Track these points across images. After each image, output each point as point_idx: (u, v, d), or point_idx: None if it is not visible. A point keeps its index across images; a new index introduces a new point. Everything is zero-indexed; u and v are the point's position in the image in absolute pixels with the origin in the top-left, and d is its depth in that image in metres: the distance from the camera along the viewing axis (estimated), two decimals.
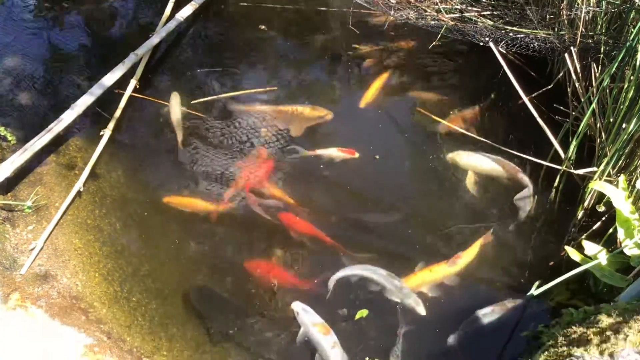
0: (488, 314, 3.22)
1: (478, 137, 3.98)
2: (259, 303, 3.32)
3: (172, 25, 4.60)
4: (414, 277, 3.39)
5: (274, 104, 4.31)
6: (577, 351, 2.53)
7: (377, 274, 3.37)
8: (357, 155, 3.94)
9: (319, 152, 3.96)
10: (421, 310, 3.25)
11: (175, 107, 4.14)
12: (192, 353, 3.16)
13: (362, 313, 3.26)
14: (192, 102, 4.33)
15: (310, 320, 3.15)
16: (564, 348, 2.65)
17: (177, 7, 4.83)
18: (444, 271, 3.41)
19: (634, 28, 3.31)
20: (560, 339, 2.76)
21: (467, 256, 3.47)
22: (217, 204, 3.68)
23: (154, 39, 4.47)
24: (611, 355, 2.40)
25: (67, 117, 3.85)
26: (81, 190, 3.68)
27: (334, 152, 3.95)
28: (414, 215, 3.74)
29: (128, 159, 3.99)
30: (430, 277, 3.40)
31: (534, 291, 3.21)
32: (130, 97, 4.22)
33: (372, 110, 4.34)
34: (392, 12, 4.60)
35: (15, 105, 4.16)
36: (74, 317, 3.12)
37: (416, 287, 3.34)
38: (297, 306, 3.21)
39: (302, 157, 3.97)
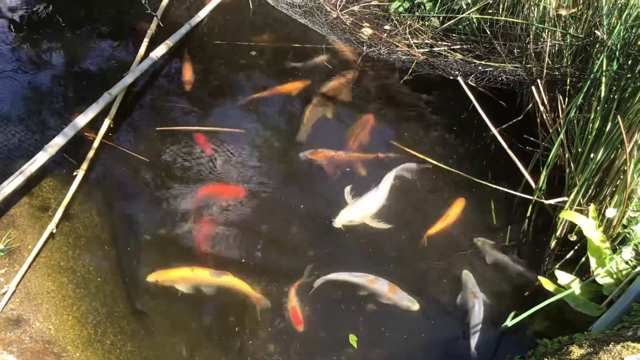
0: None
1: (451, 169, 4.03)
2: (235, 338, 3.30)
3: (146, 64, 4.61)
4: None
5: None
6: None
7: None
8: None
9: None
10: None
11: None
12: None
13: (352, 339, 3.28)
14: (157, 128, 4.38)
15: None
16: None
17: (151, 46, 4.85)
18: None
19: (597, 60, 3.40)
20: None
21: None
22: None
23: (128, 79, 4.48)
24: None
25: (40, 158, 3.82)
26: (54, 231, 3.65)
27: None
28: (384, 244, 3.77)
29: (102, 198, 3.97)
30: None
31: (509, 322, 3.22)
32: (104, 135, 4.21)
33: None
34: (364, 48, 4.69)
35: None
36: None
37: None
38: None
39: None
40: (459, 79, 4.07)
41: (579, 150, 3.55)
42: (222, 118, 4.57)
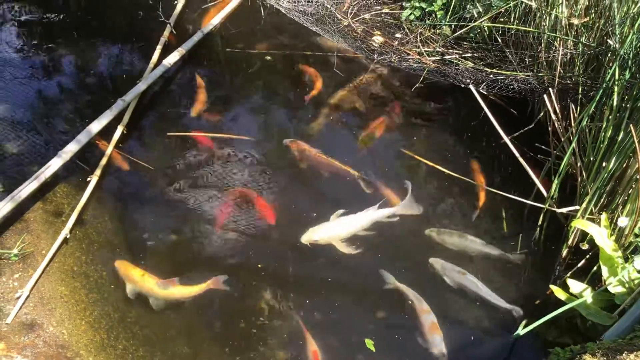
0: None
1: (463, 178, 4.03)
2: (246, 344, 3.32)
3: (159, 71, 4.65)
4: None
5: None
6: None
7: None
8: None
9: None
10: None
11: None
12: None
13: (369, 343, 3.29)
14: (168, 134, 4.41)
15: None
16: None
17: (164, 53, 4.90)
18: None
19: (610, 69, 3.40)
20: None
21: None
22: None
23: (141, 85, 4.52)
24: None
25: (55, 164, 3.86)
26: (68, 237, 3.68)
27: None
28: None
29: (115, 204, 4.00)
30: None
31: (521, 331, 3.22)
32: (117, 142, 4.25)
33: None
34: (375, 56, 4.71)
35: (2, 153, 4.17)
36: None
37: None
38: None
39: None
40: (471, 87, 4.08)
41: (591, 159, 3.55)
42: (235, 125, 4.61)
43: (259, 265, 3.66)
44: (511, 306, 3.43)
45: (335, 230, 3.76)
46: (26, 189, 3.70)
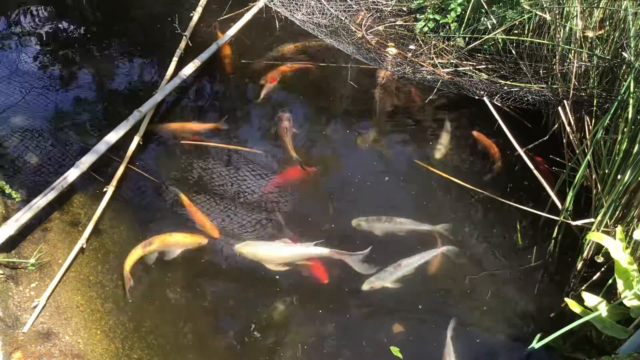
0: None
1: (476, 189, 4.03)
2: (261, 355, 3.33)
3: (175, 82, 4.70)
4: None
5: None
6: None
7: None
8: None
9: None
10: None
11: None
12: None
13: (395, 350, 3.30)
14: (181, 141, 4.48)
15: None
16: None
17: (180, 65, 4.95)
18: None
19: (625, 82, 3.40)
20: None
21: None
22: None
23: (158, 97, 4.57)
24: None
25: (72, 174, 3.91)
26: (84, 246, 3.72)
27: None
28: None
29: (130, 214, 4.03)
30: None
31: (535, 344, 3.20)
32: (133, 153, 4.28)
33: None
34: (389, 67, 4.73)
35: (20, 164, 4.23)
36: None
37: None
38: None
39: None
40: (485, 99, 4.08)
41: (606, 171, 3.54)
42: (249, 136, 4.65)
43: (276, 277, 3.67)
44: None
45: (266, 251, 3.78)
46: (44, 199, 3.75)
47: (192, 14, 5.57)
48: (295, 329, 3.44)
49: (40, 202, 3.73)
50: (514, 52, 4.29)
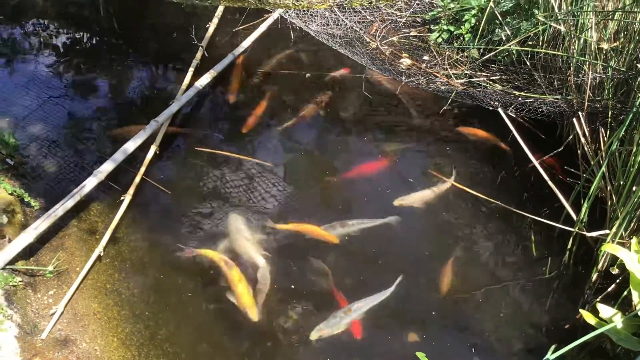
0: None
1: (490, 199, 4.04)
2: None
3: (191, 92, 4.75)
4: None
5: None
6: None
7: None
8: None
9: None
10: None
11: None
12: None
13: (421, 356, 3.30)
14: (196, 148, 4.53)
15: None
16: None
17: (196, 75, 5.00)
18: None
19: None
20: None
21: None
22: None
23: (174, 107, 4.62)
24: None
25: (90, 183, 3.96)
26: (101, 254, 3.76)
27: None
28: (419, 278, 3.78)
29: (147, 223, 4.07)
30: None
31: (550, 355, 3.19)
32: (150, 161, 4.33)
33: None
34: (403, 78, 4.75)
35: (39, 172, 4.29)
36: None
37: None
38: None
39: None
40: (499, 109, 4.09)
41: (621, 182, 3.53)
42: (264, 147, 4.70)
43: (292, 287, 3.69)
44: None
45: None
46: (62, 207, 3.80)
47: (208, 25, 5.63)
48: (319, 345, 3.45)
49: (59, 210, 3.78)
50: (528, 63, 4.30)
